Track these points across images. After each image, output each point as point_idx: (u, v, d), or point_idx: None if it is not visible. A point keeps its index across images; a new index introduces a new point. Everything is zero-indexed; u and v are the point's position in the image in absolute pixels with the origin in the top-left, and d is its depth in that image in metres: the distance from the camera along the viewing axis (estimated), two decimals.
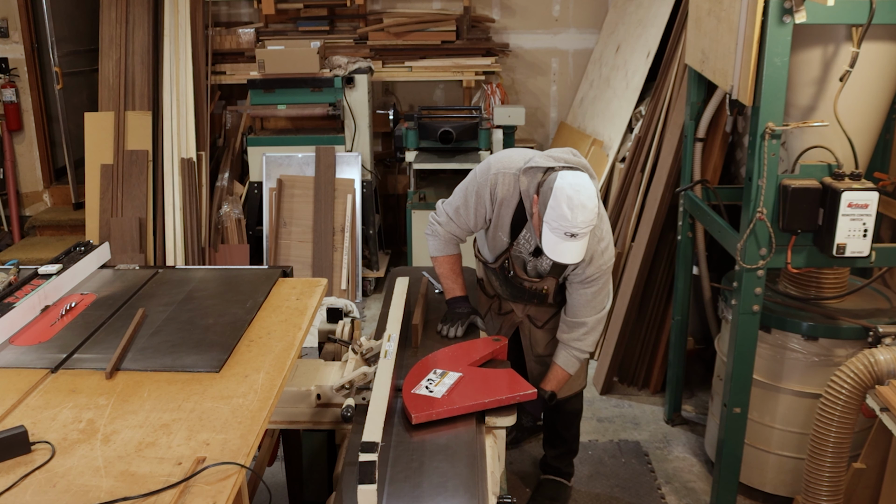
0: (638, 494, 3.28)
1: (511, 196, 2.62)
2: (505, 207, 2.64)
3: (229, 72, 5.54)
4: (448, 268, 2.82)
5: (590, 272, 2.62)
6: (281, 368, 2.11)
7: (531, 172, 2.55)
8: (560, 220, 2.33)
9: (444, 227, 2.78)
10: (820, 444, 2.50)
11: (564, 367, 2.78)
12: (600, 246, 2.60)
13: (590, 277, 2.63)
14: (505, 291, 2.91)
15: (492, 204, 2.65)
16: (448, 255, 2.81)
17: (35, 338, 2.30)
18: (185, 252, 5.16)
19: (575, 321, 2.72)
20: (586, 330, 2.72)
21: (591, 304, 2.69)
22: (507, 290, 2.90)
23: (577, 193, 2.33)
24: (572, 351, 2.76)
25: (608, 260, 2.63)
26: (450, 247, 2.81)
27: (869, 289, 3.10)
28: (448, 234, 2.78)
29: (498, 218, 2.68)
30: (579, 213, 2.32)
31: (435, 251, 2.82)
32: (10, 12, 5.99)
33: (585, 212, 2.32)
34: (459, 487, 1.87)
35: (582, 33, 5.81)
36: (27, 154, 6.24)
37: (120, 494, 1.60)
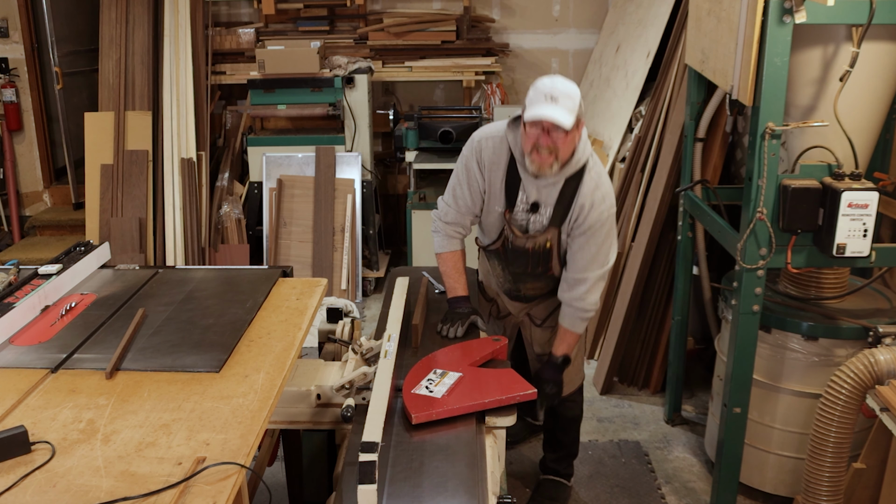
0: (638, 494, 3.28)
1: (499, 157, 2.64)
2: (494, 171, 2.66)
3: (229, 72, 5.55)
4: (450, 265, 2.81)
5: (592, 220, 2.58)
6: (281, 368, 2.11)
7: (515, 124, 2.61)
8: (540, 89, 2.44)
9: (444, 219, 2.79)
10: (820, 444, 2.50)
11: (571, 328, 2.74)
12: (599, 192, 2.58)
13: (592, 227, 2.58)
14: (506, 280, 2.87)
15: (481, 172, 2.67)
16: (451, 252, 2.81)
17: (35, 338, 2.30)
18: (185, 252, 5.16)
19: (576, 277, 2.66)
20: (587, 288, 2.66)
21: (595, 259, 2.64)
22: (508, 277, 2.85)
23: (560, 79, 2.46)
24: (576, 311, 2.72)
25: (609, 208, 2.59)
26: (453, 242, 2.81)
27: (869, 289, 3.10)
28: (449, 228, 2.79)
29: (490, 186, 2.68)
30: (559, 82, 2.43)
31: (438, 248, 2.83)
32: (10, 12, 5.99)
33: (566, 85, 2.43)
34: (459, 487, 1.87)
35: (582, 33, 5.81)
36: (27, 154, 6.24)
37: (120, 494, 1.60)
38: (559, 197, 2.61)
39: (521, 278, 2.83)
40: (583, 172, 2.59)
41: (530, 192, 2.63)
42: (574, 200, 2.59)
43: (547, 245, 2.67)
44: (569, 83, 2.47)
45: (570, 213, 2.61)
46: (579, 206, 2.58)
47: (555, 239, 2.66)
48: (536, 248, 2.69)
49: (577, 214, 2.59)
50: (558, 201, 2.61)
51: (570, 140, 2.49)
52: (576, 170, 2.57)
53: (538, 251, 2.70)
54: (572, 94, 2.44)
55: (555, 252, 2.69)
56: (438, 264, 2.85)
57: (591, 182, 2.58)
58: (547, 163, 2.50)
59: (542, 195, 2.62)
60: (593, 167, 2.60)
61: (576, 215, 2.60)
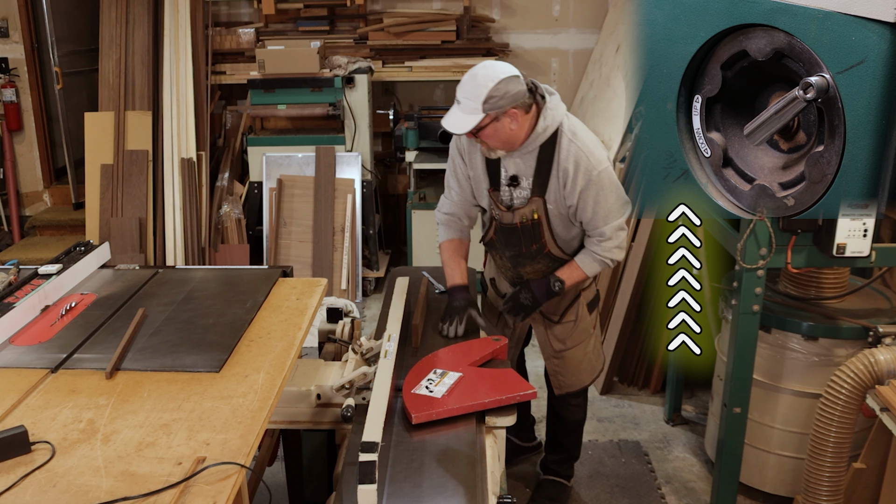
0: (638, 494, 3.28)
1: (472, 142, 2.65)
2: (473, 154, 2.70)
3: (229, 72, 5.54)
4: (448, 254, 2.83)
5: (582, 179, 2.55)
6: (281, 368, 2.11)
7: None
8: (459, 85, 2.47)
9: (442, 210, 2.84)
10: (820, 444, 2.50)
11: (581, 265, 2.72)
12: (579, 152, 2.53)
13: (588, 185, 2.56)
14: (508, 269, 2.86)
15: (462, 159, 2.72)
16: (448, 240, 2.84)
17: (35, 338, 2.30)
18: (185, 252, 5.16)
19: (594, 234, 2.66)
20: (605, 237, 2.65)
21: (608, 213, 2.60)
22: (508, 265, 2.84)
23: (483, 66, 2.47)
24: (592, 253, 2.70)
25: (598, 163, 2.54)
26: (451, 231, 2.84)
27: (869, 289, 3.10)
28: (447, 218, 2.83)
29: (473, 170, 2.72)
30: (468, 80, 2.45)
31: (440, 238, 2.87)
32: (10, 12, 5.99)
33: (472, 81, 2.43)
34: (459, 487, 1.87)
35: (582, 33, 5.81)
36: (27, 154, 6.24)
37: (120, 494, 1.60)
38: (536, 166, 2.61)
39: (520, 261, 2.80)
40: (556, 136, 2.57)
41: (508, 167, 2.65)
42: (552, 167, 2.58)
43: (534, 216, 2.66)
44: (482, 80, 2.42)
45: (550, 180, 2.60)
46: (563, 172, 2.57)
47: (541, 210, 2.65)
48: (525, 222, 2.68)
49: (565, 180, 2.57)
50: (536, 171, 2.61)
51: (494, 133, 2.49)
52: (546, 137, 2.57)
53: (527, 225, 2.69)
54: (475, 96, 2.41)
55: (544, 224, 2.67)
56: (440, 254, 2.87)
57: (567, 145, 2.56)
58: (486, 149, 2.58)
59: (520, 167, 2.63)
60: (568, 130, 2.57)
61: (563, 181, 2.58)
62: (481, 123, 2.44)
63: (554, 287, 2.72)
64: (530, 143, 2.56)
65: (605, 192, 2.58)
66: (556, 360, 2.97)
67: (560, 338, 2.93)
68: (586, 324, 2.93)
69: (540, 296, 2.74)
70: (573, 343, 2.92)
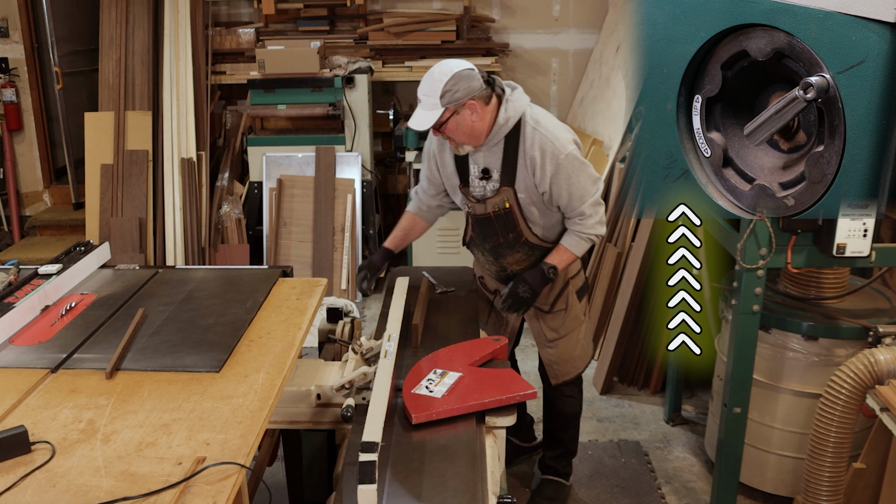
0: (638, 494, 3.28)
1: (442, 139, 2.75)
2: (443, 152, 2.81)
3: (229, 72, 5.55)
4: (405, 223, 3.06)
5: (551, 165, 2.63)
6: (281, 368, 2.11)
7: None
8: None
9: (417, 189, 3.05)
10: (820, 444, 2.50)
11: (568, 247, 2.78)
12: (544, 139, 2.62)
13: (557, 170, 2.63)
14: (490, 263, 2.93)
15: (434, 160, 2.86)
16: (411, 213, 3.05)
17: (35, 338, 2.30)
18: (185, 252, 5.16)
19: (573, 213, 2.73)
20: (585, 216, 2.72)
21: (582, 193, 2.68)
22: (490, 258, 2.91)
23: (438, 65, 2.59)
24: (577, 233, 2.76)
25: (563, 146, 2.62)
26: (412, 205, 3.05)
27: (869, 289, 3.10)
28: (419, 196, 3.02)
29: (444, 168, 2.84)
30: (425, 79, 2.57)
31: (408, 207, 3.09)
32: (10, 12, 6.00)
33: (429, 78, 2.55)
34: (459, 487, 1.87)
35: (582, 33, 5.81)
36: (27, 154, 6.24)
37: (120, 494, 1.60)
38: (503, 157, 2.69)
39: (500, 252, 2.87)
40: (520, 126, 2.66)
41: (478, 161, 2.74)
42: (519, 157, 2.66)
43: (506, 205, 2.74)
44: (438, 76, 2.54)
45: (518, 170, 2.68)
46: (530, 160, 2.65)
47: (511, 198, 2.72)
48: (498, 212, 2.76)
49: (533, 168, 2.65)
50: (503, 162, 2.69)
51: (456, 127, 2.59)
52: (509, 129, 2.65)
53: (500, 214, 2.76)
54: (433, 91, 2.53)
55: (516, 212, 2.75)
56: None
57: (531, 133, 2.64)
58: (454, 146, 2.69)
59: (489, 160, 2.72)
60: (530, 119, 2.66)
61: (532, 169, 2.66)
62: (442, 118, 2.56)
63: (549, 274, 2.78)
64: (494, 135, 2.65)
65: (575, 174, 2.65)
66: (551, 350, 3.01)
67: (553, 327, 2.98)
68: (577, 311, 2.99)
69: (537, 285, 2.80)
70: (566, 331, 2.98)
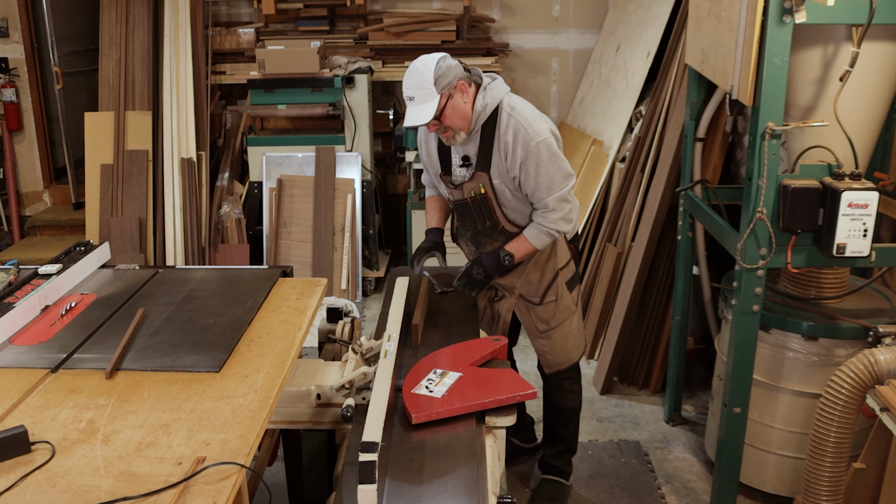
0: (638, 494, 3.28)
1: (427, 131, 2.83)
2: (430, 142, 2.89)
3: (229, 72, 5.54)
4: (429, 205, 3.10)
5: (521, 151, 2.66)
6: (281, 368, 2.11)
7: None
8: (403, 88, 2.64)
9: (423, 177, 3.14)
10: (820, 444, 2.50)
11: (528, 237, 2.81)
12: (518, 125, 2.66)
13: (528, 157, 2.66)
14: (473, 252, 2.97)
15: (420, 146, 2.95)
16: (430, 196, 3.11)
17: (35, 338, 2.30)
18: (185, 252, 5.16)
19: (538, 204, 2.76)
20: (548, 209, 2.74)
21: (550, 184, 2.69)
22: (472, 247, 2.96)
23: (415, 62, 2.63)
24: (538, 226, 2.79)
25: (536, 134, 2.65)
26: (434, 190, 3.09)
27: (869, 289, 3.10)
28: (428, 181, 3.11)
29: (429, 157, 2.92)
30: (411, 76, 2.60)
31: (426, 194, 3.15)
32: (10, 12, 5.99)
33: (415, 74, 2.59)
34: (459, 487, 1.87)
35: (582, 33, 5.81)
36: (27, 154, 6.24)
37: (120, 494, 1.60)
38: (480, 143, 2.75)
39: (479, 241, 2.92)
40: (496, 113, 2.71)
41: (460, 150, 2.80)
42: (494, 142, 2.71)
43: (482, 191, 2.78)
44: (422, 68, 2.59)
45: (493, 155, 2.73)
46: (503, 145, 2.69)
47: (486, 184, 2.77)
48: (475, 198, 2.81)
49: (505, 152, 2.70)
50: (480, 147, 2.75)
51: (453, 112, 2.65)
52: (487, 116, 2.71)
53: (477, 200, 2.81)
54: (424, 82, 2.57)
55: (492, 199, 2.79)
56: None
57: (506, 119, 2.69)
58: (450, 136, 2.72)
59: (468, 148, 2.78)
60: (507, 105, 2.71)
61: (503, 154, 2.70)
62: (441, 105, 2.60)
63: (504, 261, 2.82)
64: (473, 123, 2.71)
65: (544, 163, 2.68)
66: (543, 340, 3.04)
67: (544, 318, 3.00)
68: (567, 302, 3.00)
69: (491, 269, 2.84)
70: (556, 322, 3.00)
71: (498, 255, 2.82)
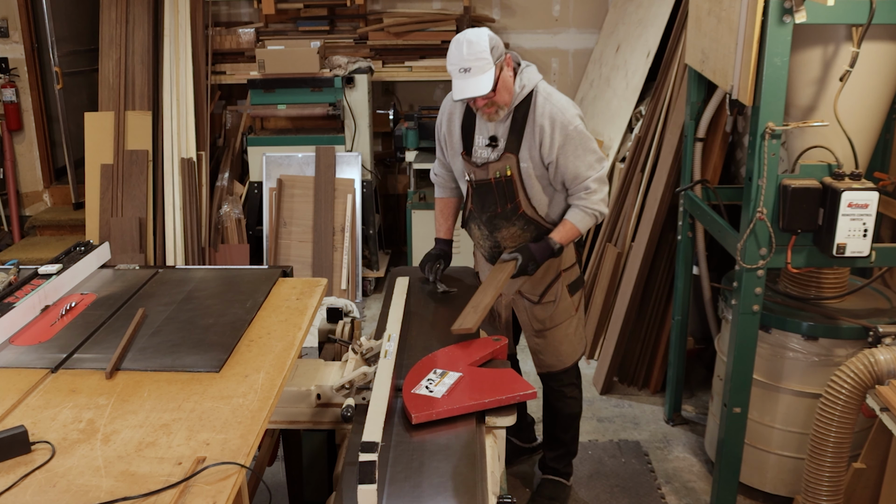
0: (638, 494, 3.28)
1: (454, 108, 2.84)
2: (453, 122, 2.86)
3: (229, 72, 5.54)
4: (439, 209, 3.11)
5: (560, 135, 2.67)
6: (281, 368, 2.11)
7: None
8: (452, 60, 2.59)
9: (434, 171, 3.09)
10: (820, 444, 2.50)
11: (573, 221, 2.80)
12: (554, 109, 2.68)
13: (566, 140, 2.68)
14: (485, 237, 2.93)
15: (439, 130, 2.92)
16: (439, 198, 3.11)
17: (35, 338, 2.30)
18: (185, 252, 5.16)
19: (578, 187, 2.77)
20: (590, 190, 2.76)
21: (589, 166, 2.72)
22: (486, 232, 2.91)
23: (464, 34, 2.59)
24: (581, 209, 2.79)
25: (572, 118, 2.69)
26: (443, 190, 3.10)
27: (869, 289, 3.10)
28: (438, 178, 3.08)
29: (451, 137, 2.88)
30: (465, 46, 2.55)
31: (436, 194, 3.15)
32: (10, 12, 5.99)
33: (471, 45, 2.55)
34: (459, 487, 1.87)
35: (582, 33, 5.81)
36: (27, 154, 6.24)
37: (120, 494, 1.60)
38: (511, 125, 2.74)
39: (496, 224, 2.88)
40: (531, 97, 2.72)
41: (485, 130, 2.78)
42: (526, 126, 2.71)
43: (507, 173, 2.77)
44: (475, 39, 2.56)
45: (524, 139, 2.72)
46: (539, 129, 2.70)
47: (514, 167, 2.76)
48: (500, 179, 2.79)
49: (542, 137, 2.70)
50: (511, 130, 2.74)
51: (503, 85, 2.63)
52: (522, 98, 2.71)
53: (500, 181, 2.79)
54: (481, 52, 2.54)
55: (517, 182, 2.78)
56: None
57: (543, 103, 2.70)
58: (493, 112, 2.69)
59: (499, 129, 2.76)
60: (543, 91, 2.73)
61: (540, 139, 2.70)
62: (496, 76, 2.58)
63: (556, 251, 2.82)
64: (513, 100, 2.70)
65: (582, 147, 2.71)
66: (537, 340, 3.04)
67: (540, 318, 3.00)
68: (567, 304, 2.99)
69: (541, 259, 2.81)
70: (553, 323, 2.99)
71: (549, 244, 2.80)
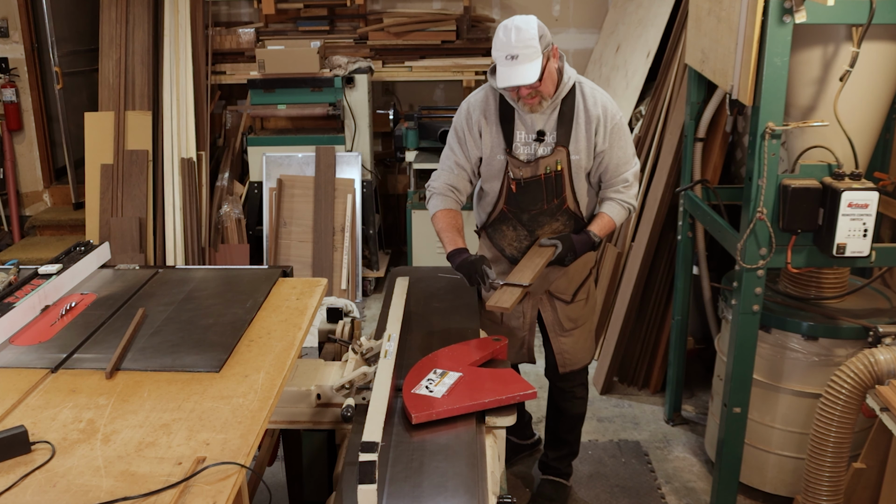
0: (638, 494, 3.28)
1: (488, 107, 2.74)
2: (488, 121, 2.74)
3: (229, 72, 5.54)
4: (446, 222, 2.79)
5: (610, 123, 2.68)
6: (281, 368, 2.11)
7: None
8: (499, 46, 2.50)
9: (434, 183, 2.86)
10: (820, 444, 2.50)
11: (610, 214, 2.80)
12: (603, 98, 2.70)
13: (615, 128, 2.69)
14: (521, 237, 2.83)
15: (469, 128, 2.75)
16: (444, 209, 2.81)
17: (35, 338, 2.30)
18: (185, 252, 5.16)
19: (616, 179, 2.76)
20: (627, 183, 2.77)
21: (623, 160, 2.74)
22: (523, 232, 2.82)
23: (513, 21, 2.52)
24: (618, 202, 2.79)
25: (616, 109, 2.72)
26: (447, 201, 2.83)
27: (869, 289, 3.10)
28: (443, 188, 2.83)
29: (489, 135, 2.74)
30: (513, 33, 2.47)
31: (433, 208, 2.85)
32: (10, 12, 5.99)
33: (520, 32, 2.47)
34: (459, 487, 1.87)
35: (582, 33, 5.81)
36: (27, 154, 6.24)
37: (120, 494, 1.60)
38: (559, 119, 2.70)
39: (538, 221, 2.80)
40: (575, 90, 2.70)
41: (530, 124, 2.71)
42: (574, 118, 2.69)
43: (558, 167, 2.73)
44: (524, 26, 2.49)
45: (574, 130, 2.69)
46: (595, 119, 2.69)
47: (564, 161, 2.72)
48: (549, 174, 2.73)
49: (596, 126, 2.69)
50: (559, 123, 2.70)
51: (548, 75, 2.57)
52: (567, 90, 2.68)
53: (551, 177, 2.73)
54: (530, 39, 2.47)
55: (566, 177, 2.74)
56: (434, 224, 2.84)
57: (591, 92, 2.71)
58: (536, 102, 2.62)
59: (542, 122, 2.71)
60: (586, 82, 2.74)
61: (595, 127, 2.69)
62: (543, 64, 2.52)
63: (596, 247, 2.84)
64: (559, 92, 2.66)
65: (625, 139, 2.74)
66: (565, 339, 2.99)
67: (572, 317, 2.98)
68: (594, 302, 3.04)
69: (582, 252, 2.78)
70: (583, 321, 3.00)
71: (589, 237, 2.78)
